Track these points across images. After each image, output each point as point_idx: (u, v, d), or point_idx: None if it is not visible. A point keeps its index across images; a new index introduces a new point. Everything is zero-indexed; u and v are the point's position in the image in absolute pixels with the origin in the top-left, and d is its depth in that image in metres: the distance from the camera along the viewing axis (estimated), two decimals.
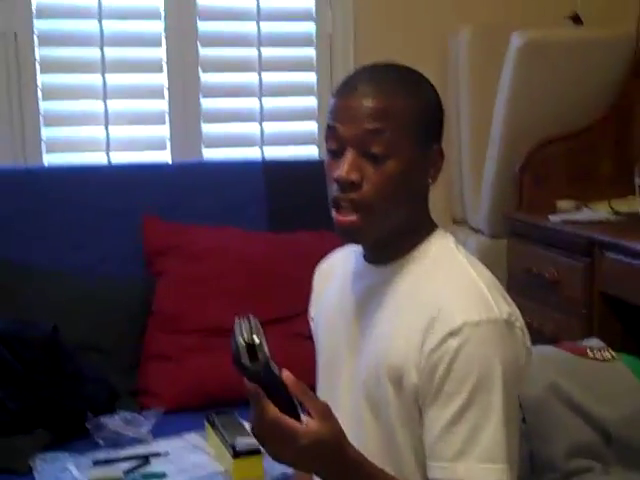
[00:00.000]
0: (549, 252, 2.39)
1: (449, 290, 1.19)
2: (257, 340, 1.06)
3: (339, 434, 1.11)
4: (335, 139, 1.21)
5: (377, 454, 1.21)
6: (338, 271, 1.37)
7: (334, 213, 1.21)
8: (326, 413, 1.10)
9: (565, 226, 2.35)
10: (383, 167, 1.19)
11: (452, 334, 1.14)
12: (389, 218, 1.22)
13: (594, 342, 1.96)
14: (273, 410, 1.08)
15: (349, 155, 1.19)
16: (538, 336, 2.31)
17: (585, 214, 2.42)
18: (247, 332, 1.06)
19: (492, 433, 1.13)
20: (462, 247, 1.28)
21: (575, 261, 2.28)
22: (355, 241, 1.27)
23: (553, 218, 2.41)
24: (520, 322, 1.20)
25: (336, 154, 1.21)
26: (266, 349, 1.07)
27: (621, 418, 1.77)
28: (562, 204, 2.51)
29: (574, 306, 2.29)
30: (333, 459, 1.11)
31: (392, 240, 1.24)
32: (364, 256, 1.30)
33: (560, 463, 1.73)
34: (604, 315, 2.22)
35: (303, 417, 1.09)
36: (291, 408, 1.08)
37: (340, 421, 1.17)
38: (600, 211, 2.43)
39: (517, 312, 1.21)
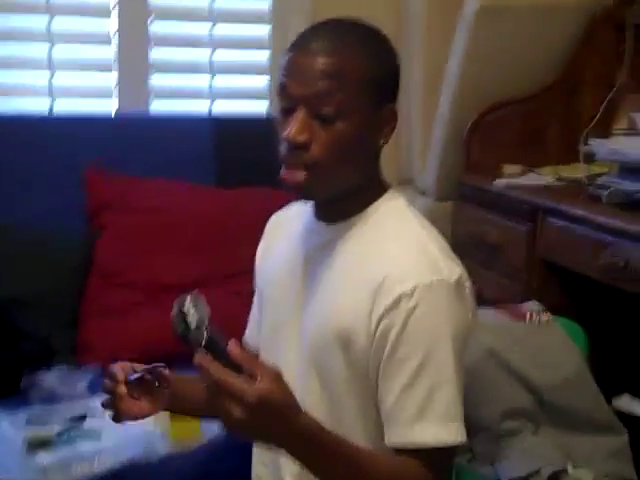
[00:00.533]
0: (493, 216, 2.40)
1: (399, 251, 1.19)
2: (198, 313, 1.05)
3: (290, 397, 1.07)
4: (286, 97, 1.19)
5: (321, 419, 1.18)
6: (291, 225, 1.35)
7: (282, 171, 1.20)
8: (276, 376, 1.06)
9: (509, 190, 2.36)
10: (333, 128, 1.17)
11: (403, 297, 1.14)
12: (338, 178, 1.20)
13: (532, 305, 2.00)
14: (218, 370, 1.03)
15: (299, 115, 1.17)
16: (479, 299, 2.33)
17: (530, 179, 2.43)
18: (189, 304, 1.06)
19: (447, 393, 1.15)
20: (413, 208, 1.28)
21: (518, 226, 2.29)
22: (302, 199, 1.27)
23: (498, 182, 2.41)
24: (469, 284, 1.22)
25: (287, 112, 1.19)
26: (207, 321, 1.06)
27: (555, 381, 1.82)
28: (508, 168, 2.52)
29: (515, 271, 2.31)
30: (284, 423, 1.06)
31: (342, 199, 1.23)
32: (315, 213, 1.29)
33: (493, 424, 1.77)
34: (544, 280, 2.24)
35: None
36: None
37: None
38: (545, 176, 2.45)
39: (465, 274, 1.22)
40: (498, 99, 2.57)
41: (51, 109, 2.52)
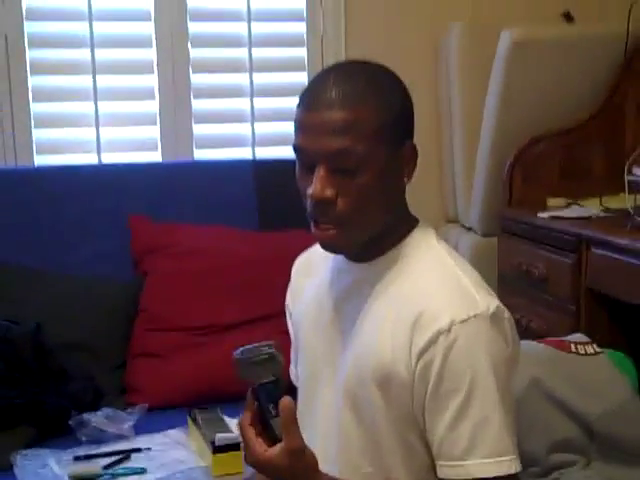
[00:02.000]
0: (538, 249, 2.38)
1: (433, 287, 1.18)
2: (274, 355, 1.13)
3: (299, 473, 1.12)
4: (303, 154, 1.18)
5: (359, 457, 1.21)
6: (318, 266, 1.35)
7: (312, 227, 1.20)
8: (294, 452, 1.10)
9: (553, 223, 2.34)
10: (356, 180, 1.16)
11: (441, 333, 1.14)
12: (368, 227, 1.20)
13: (578, 337, 1.96)
14: (244, 417, 1.13)
15: (320, 172, 1.15)
16: (527, 333, 2.32)
17: (574, 211, 2.41)
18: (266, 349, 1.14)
19: (496, 426, 1.13)
20: (443, 241, 1.27)
21: (563, 257, 2.27)
22: (336, 252, 1.26)
23: (541, 215, 2.40)
24: (507, 314, 1.20)
25: (307, 168, 1.18)
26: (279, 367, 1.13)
27: (603, 412, 1.77)
28: (552, 201, 2.51)
29: (562, 302, 2.28)
30: None
31: (372, 240, 1.23)
32: (345, 253, 1.28)
33: (541, 458, 1.73)
34: (591, 311, 2.21)
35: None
36: (271, 431, 1.12)
37: (320, 425, 1.21)
38: (590, 208, 2.42)
39: (501, 305, 1.20)
40: (538, 133, 2.57)
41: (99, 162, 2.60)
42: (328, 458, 1.23)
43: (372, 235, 1.22)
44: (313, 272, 1.37)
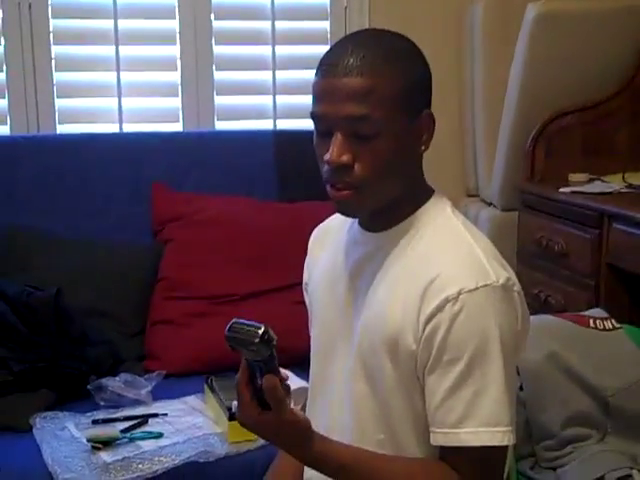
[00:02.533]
0: (559, 224, 2.37)
1: (445, 256, 1.19)
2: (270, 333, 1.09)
3: (285, 438, 1.17)
4: (321, 121, 1.19)
5: (372, 424, 1.22)
6: (334, 237, 1.36)
7: (328, 188, 1.21)
8: (284, 422, 1.13)
9: (575, 198, 2.33)
10: (373, 146, 1.16)
11: (448, 301, 1.14)
12: (383, 193, 1.20)
13: (597, 312, 1.95)
14: (242, 376, 1.14)
15: (337, 138, 1.16)
16: (545, 307, 2.32)
17: (596, 186, 2.39)
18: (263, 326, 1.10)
19: (494, 397, 1.13)
20: (458, 212, 1.27)
21: (584, 233, 2.26)
22: (352, 215, 1.27)
23: (563, 190, 2.39)
24: (517, 287, 1.19)
25: (324, 134, 1.18)
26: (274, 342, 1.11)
27: (620, 387, 1.77)
28: (575, 177, 2.49)
29: (582, 277, 2.27)
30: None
31: (388, 208, 1.23)
32: (360, 223, 1.29)
33: (556, 431, 1.73)
34: (611, 287, 2.21)
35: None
36: (260, 395, 1.13)
37: (334, 394, 1.22)
38: (612, 184, 2.40)
39: (514, 277, 1.20)
40: (561, 108, 2.55)
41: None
42: (342, 426, 1.26)
43: (387, 202, 1.22)
44: (329, 243, 1.37)
